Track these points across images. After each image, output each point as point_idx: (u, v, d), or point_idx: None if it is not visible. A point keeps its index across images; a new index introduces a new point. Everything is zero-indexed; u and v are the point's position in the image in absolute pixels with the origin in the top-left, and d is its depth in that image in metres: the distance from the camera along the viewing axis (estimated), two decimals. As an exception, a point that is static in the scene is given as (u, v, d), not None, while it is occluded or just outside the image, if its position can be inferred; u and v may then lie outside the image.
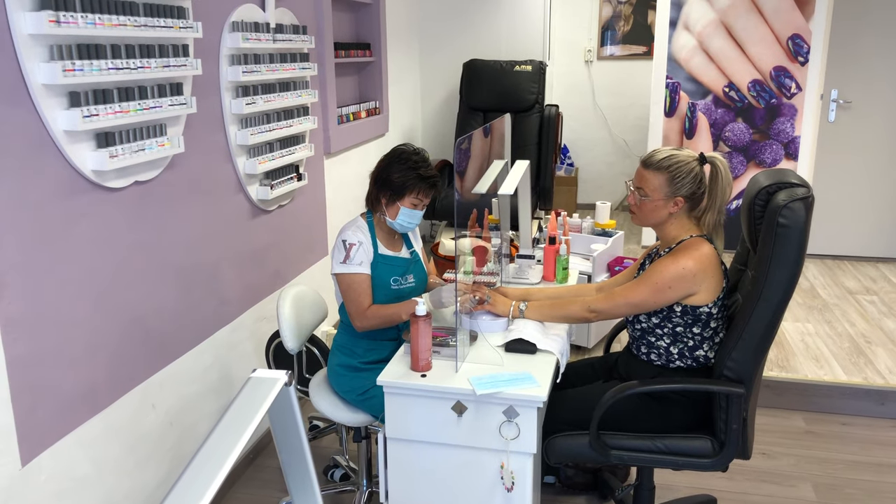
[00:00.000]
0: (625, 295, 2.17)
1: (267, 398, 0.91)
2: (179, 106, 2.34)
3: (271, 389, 0.93)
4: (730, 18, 5.07)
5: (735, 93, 5.19)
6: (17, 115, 1.78)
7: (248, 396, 0.92)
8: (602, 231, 3.83)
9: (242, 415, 0.88)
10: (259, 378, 0.95)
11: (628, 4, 6.43)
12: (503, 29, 5.38)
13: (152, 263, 2.33)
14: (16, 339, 1.81)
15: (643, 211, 2.17)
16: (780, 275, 1.95)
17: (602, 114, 6.67)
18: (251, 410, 0.89)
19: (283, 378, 0.95)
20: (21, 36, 1.76)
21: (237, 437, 0.84)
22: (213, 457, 0.81)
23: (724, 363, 2.06)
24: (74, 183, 1.98)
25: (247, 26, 2.78)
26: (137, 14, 2.14)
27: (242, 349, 2.95)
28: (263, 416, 0.92)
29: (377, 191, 2.33)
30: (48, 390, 1.93)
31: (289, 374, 0.95)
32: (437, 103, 5.61)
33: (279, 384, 0.94)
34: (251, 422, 0.87)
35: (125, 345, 2.23)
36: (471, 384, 1.97)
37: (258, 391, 0.93)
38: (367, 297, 2.30)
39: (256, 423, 0.88)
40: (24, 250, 1.83)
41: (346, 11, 4.19)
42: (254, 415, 0.88)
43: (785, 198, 1.95)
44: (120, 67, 2.05)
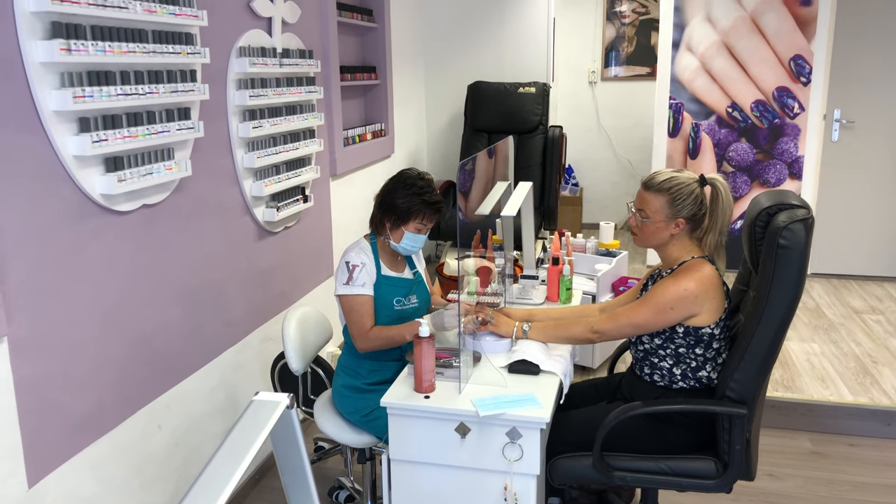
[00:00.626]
0: (627, 316, 2.18)
1: (269, 421, 0.93)
2: (187, 130, 2.38)
3: (273, 412, 0.95)
4: (731, 40, 5.11)
5: (738, 113, 5.22)
6: (28, 140, 1.82)
7: (251, 419, 0.94)
8: (606, 251, 3.85)
9: (245, 437, 0.90)
10: (261, 401, 0.96)
11: (632, 26, 6.49)
12: (507, 51, 5.43)
13: (159, 285, 2.36)
14: (24, 360, 1.84)
15: (645, 232, 2.19)
16: (781, 296, 1.96)
17: (606, 134, 6.70)
18: (254, 433, 0.91)
19: (285, 401, 0.96)
20: (33, 64, 1.80)
21: (240, 460, 0.86)
22: (216, 479, 0.83)
23: (726, 384, 2.07)
24: (83, 207, 2.01)
25: (254, 51, 2.82)
26: (146, 41, 2.18)
27: (248, 370, 2.96)
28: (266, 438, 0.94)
29: (381, 215, 2.36)
30: (55, 412, 1.95)
31: (290, 398, 0.97)
32: (443, 125, 5.66)
33: (281, 407, 0.96)
34: (253, 444, 0.89)
35: (132, 366, 2.25)
36: (474, 405, 1.98)
37: (260, 414, 0.94)
38: (370, 319, 2.32)
39: (259, 446, 0.90)
40: (33, 273, 1.85)
41: (352, 35, 4.25)
42: (256, 437, 0.90)
43: (785, 219, 1.97)
44: (129, 93, 2.09)
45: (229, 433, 0.92)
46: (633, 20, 6.49)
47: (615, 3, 6.47)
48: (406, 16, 5.07)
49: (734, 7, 5.08)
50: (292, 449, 1.01)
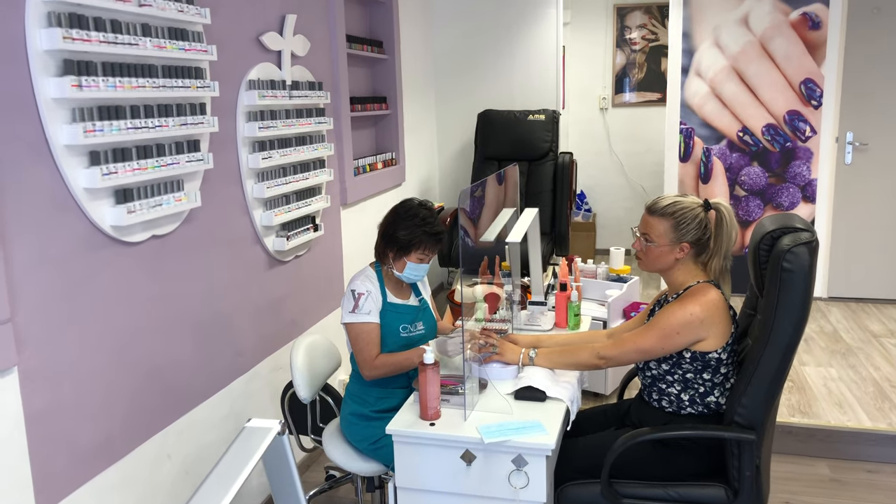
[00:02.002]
0: (633, 341, 2.17)
1: (260, 447, 0.94)
2: (196, 162, 2.42)
3: (264, 439, 0.96)
4: (741, 65, 5.13)
5: (749, 137, 5.22)
6: (39, 174, 1.87)
7: (242, 445, 0.95)
8: (617, 277, 3.84)
9: (236, 463, 0.91)
10: (252, 428, 0.98)
11: (642, 52, 6.54)
12: (517, 79, 5.49)
13: (169, 315, 2.39)
14: (34, 392, 1.86)
15: (649, 257, 2.19)
16: (786, 320, 1.95)
17: (619, 160, 6.72)
18: (244, 459, 0.92)
19: (276, 428, 0.97)
20: (45, 100, 1.86)
21: (229, 486, 0.87)
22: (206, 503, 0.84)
23: (734, 409, 2.05)
24: (93, 238, 2.05)
25: (263, 84, 2.88)
26: (156, 76, 2.24)
27: (258, 399, 2.97)
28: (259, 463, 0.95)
29: (384, 245, 2.38)
30: (65, 442, 1.97)
31: (281, 424, 0.98)
32: (453, 153, 5.70)
33: (272, 434, 0.97)
34: (243, 471, 0.90)
35: (142, 396, 2.27)
36: (479, 433, 1.98)
37: (252, 440, 0.95)
38: (376, 347, 2.33)
39: (249, 472, 0.91)
40: (43, 305, 1.89)
41: (362, 66, 4.32)
42: (246, 464, 0.91)
43: (789, 242, 1.96)
44: (139, 127, 2.14)
45: (220, 459, 0.93)
46: (643, 47, 6.53)
47: (625, 31, 6.53)
48: (416, 46, 5.14)
49: (743, 32, 5.10)
50: (285, 475, 1.02)
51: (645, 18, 6.47)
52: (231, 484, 0.88)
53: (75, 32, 1.89)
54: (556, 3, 5.35)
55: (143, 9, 2.16)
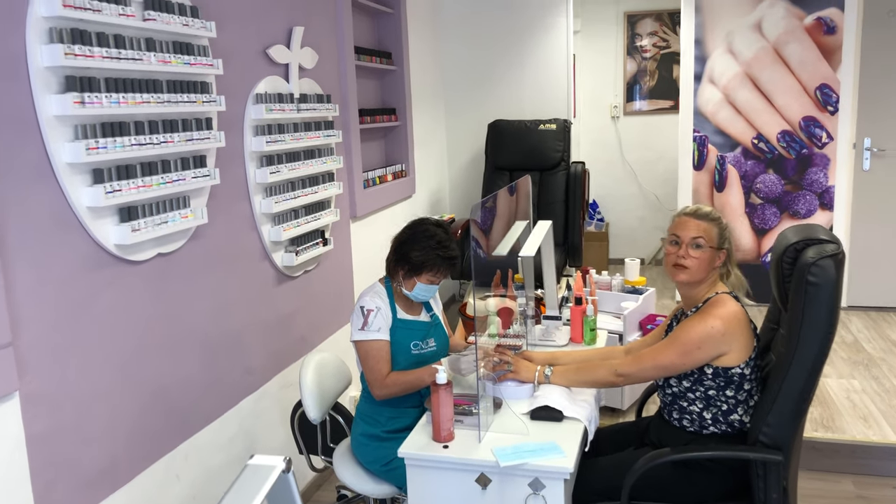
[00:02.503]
0: (652, 357, 2.10)
1: (264, 486, 0.88)
2: (203, 178, 2.38)
3: (269, 477, 0.90)
4: (755, 71, 5.06)
5: (764, 144, 5.14)
6: (41, 193, 1.82)
7: (246, 484, 0.89)
8: (632, 288, 3.76)
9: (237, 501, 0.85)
10: (256, 465, 0.92)
11: (653, 60, 6.47)
12: (527, 89, 5.43)
13: (175, 335, 2.34)
14: (36, 416, 1.81)
15: (701, 262, 2.09)
16: (812, 335, 1.88)
17: (631, 168, 6.65)
18: (248, 499, 0.86)
19: (281, 465, 0.91)
20: (47, 118, 1.82)
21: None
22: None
23: (759, 428, 1.97)
24: (97, 257, 2.00)
25: (271, 98, 2.84)
26: (161, 91, 2.19)
27: (268, 418, 2.92)
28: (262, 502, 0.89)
29: (395, 262, 2.32)
30: (68, 467, 1.92)
31: (286, 461, 0.92)
32: (464, 164, 5.65)
33: (276, 472, 0.91)
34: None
35: (147, 418, 2.22)
36: (494, 455, 1.91)
37: (255, 479, 0.90)
38: (386, 365, 2.27)
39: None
40: (45, 327, 1.84)
41: (371, 78, 4.28)
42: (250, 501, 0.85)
43: (814, 255, 1.89)
44: (143, 143, 2.10)
45: (224, 497, 0.87)
46: (655, 54, 6.47)
47: (635, 38, 6.47)
48: (425, 56, 5.10)
49: (756, 38, 5.03)
50: (290, 514, 0.96)
51: (656, 25, 6.41)
52: (232, 528, 0.82)
53: (77, 48, 1.85)
54: (566, 12, 5.31)
55: (147, 23, 2.12)
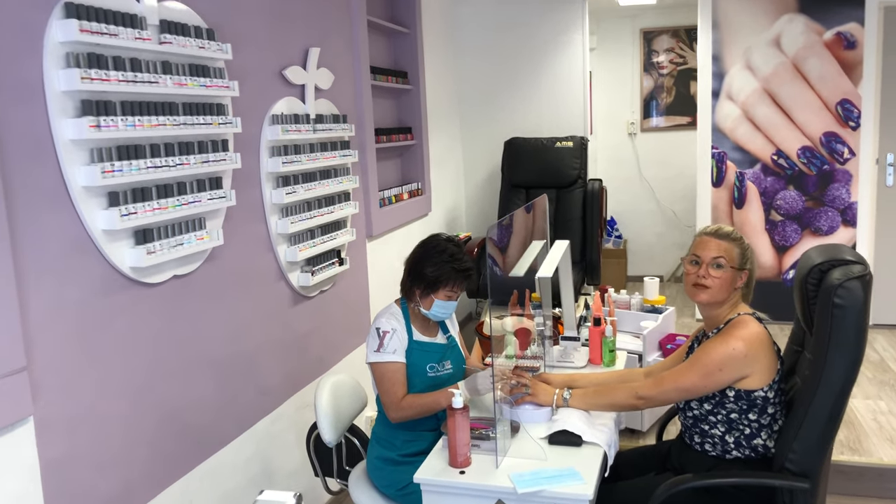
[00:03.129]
0: (674, 380, 2.06)
1: (273, 523, 0.86)
2: (219, 199, 2.37)
3: (278, 513, 0.87)
4: (774, 86, 5.01)
5: (784, 160, 5.08)
6: (56, 217, 1.82)
7: (254, 521, 0.86)
8: (652, 308, 3.71)
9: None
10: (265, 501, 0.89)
11: (670, 76, 6.44)
12: (544, 106, 5.42)
13: (190, 357, 2.33)
14: (50, 441, 1.80)
15: (724, 282, 2.05)
16: (840, 358, 1.83)
17: (649, 185, 6.60)
18: (255, 538, 0.83)
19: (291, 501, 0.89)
20: (63, 142, 1.82)
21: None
22: None
23: (785, 454, 1.92)
24: (112, 280, 2.00)
25: (287, 119, 2.84)
26: (176, 113, 2.20)
27: (284, 439, 2.89)
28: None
29: (411, 283, 2.30)
30: (82, 492, 1.91)
31: (296, 497, 0.89)
32: (480, 182, 5.64)
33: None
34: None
35: (162, 441, 2.20)
36: (512, 481, 1.87)
37: (265, 515, 0.87)
38: (402, 387, 2.24)
39: (260, 554, 0.82)
40: (60, 351, 1.83)
41: (387, 97, 4.28)
42: (258, 543, 0.82)
43: (840, 276, 1.85)
44: (159, 166, 2.10)
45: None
46: (672, 70, 6.44)
47: (652, 54, 6.44)
48: (441, 75, 5.11)
49: (774, 54, 4.99)
50: (302, 551, 0.93)
51: (672, 42, 6.38)
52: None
53: (94, 72, 1.86)
54: (582, 29, 5.29)
55: (164, 46, 2.13)
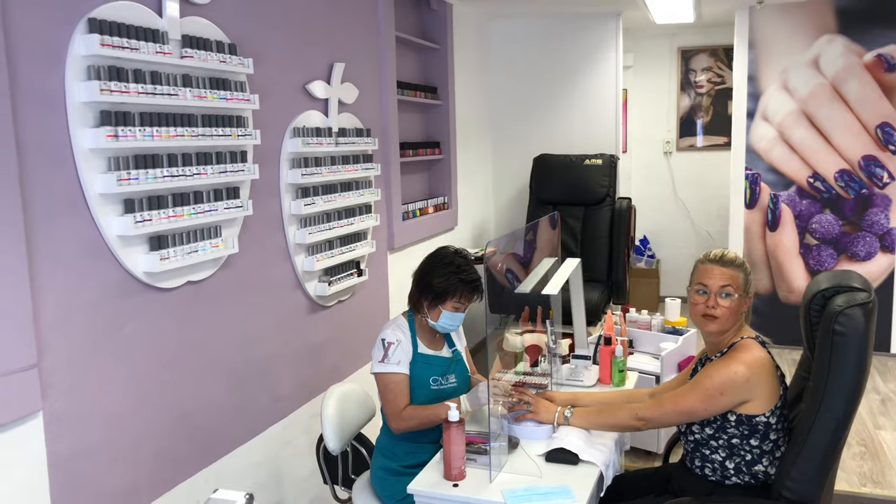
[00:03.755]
0: (674, 402, 2.05)
1: (220, 522, 0.89)
2: (235, 209, 2.44)
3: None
4: (811, 108, 4.92)
5: (821, 183, 4.98)
6: (73, 222, 1.91)
7: (203, 519, 0.90)
8: (672, 329, 3.67)
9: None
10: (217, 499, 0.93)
11: (707, 96, 6.38)
12: (576, 123, 5.42)
13: (202, 361, 2.39)
14: (59, 436, 1.88)
15: (733, 311, 2.04)
16: (840, 386, 1.80)
17: (683, 205, 6.53)
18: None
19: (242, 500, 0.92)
20: (81, 150, 1.90)
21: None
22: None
23: (783, 482, 1.89)
24: (126, 284, 2.08)
25: (308, 132, 2.91)
26: (195, 125, 2.28)
27: (296, 446, 2.94)
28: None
29: (419, 294, 2.33)
30: (89, 488, 1.98)
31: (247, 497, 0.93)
32: (510, 197, 5.65)
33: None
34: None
35: (171, 442, 2.26)
36: (503, 496, 1.88)
37: (213, 513, 0.91)
38: (404, 398, 2.26)
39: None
40: (72, 351, 1.91)
41: (415, 112, 4.34)
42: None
43: (842, 303, 1.82)
44: (175, 175, 2.17)
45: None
46: (710, 90, 6.37)
47: (690, 73, 6.39)
48: (472, 91, 5.15)
49: (813, 75, 4.91)
50: (253, 550, 0.97)
51: (711, 61, 6.32)
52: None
53: (113, 85, 1.94)
54: (615, 47, 5.29)
55: (185, 60, 2.21)
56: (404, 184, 4.11)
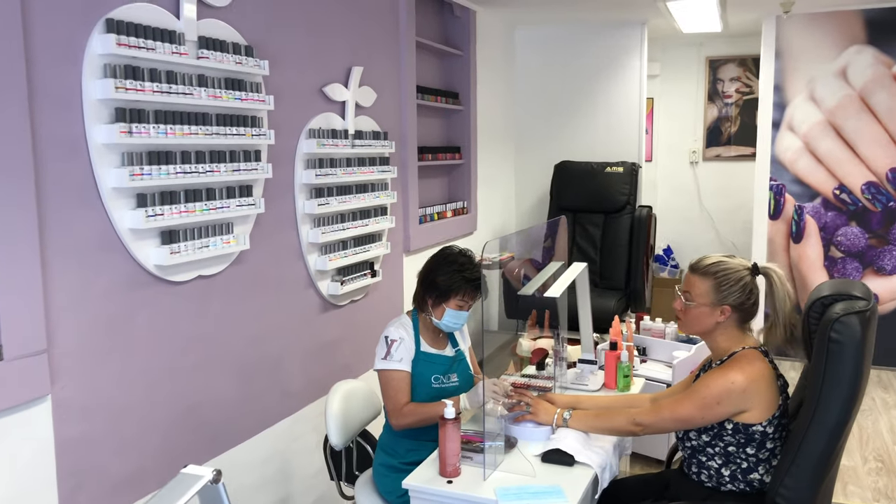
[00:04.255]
0: (671, 409, 2.05)
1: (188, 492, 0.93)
2: (247, 206, 2.50)
3: (195, 484, 0.95)
4: (839, 119, 4.86)
5: (847, 195, 4.90)
6: (86, 214, 1.98)
7: (172, 489, 0.94)
8: (686, 338, 3.65)
9: None
10: (187, 473, 0.97)
11: (735, 105, 6.32)
12: (599, 131, 5.42)
13: (212, 354, 2.45)
14: (66, 421, 1.94)
15: (688, 317, 2.07)
16: (834, 396, 1.78)
17: (709, 215, 6.47)
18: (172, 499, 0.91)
19: (209, 475, 0.96)
20: (96, 145, 1.98)
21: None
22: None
23: (776, 490, 1.88)
24: (137, 277, 2.14)
25: (324, 133, 2.96)
26: (210, 124, 2.34)
27: (304, 442, 2.99)
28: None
29: (423, 292, 2.36)
30: (95, 473, 2.04)
31: (215, 472, 0.97)
32: (533, 203, 5.66)
33: (203, 480, 0.96)
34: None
35: (178, 432, 2.32)
36: (496, 494, 1.90)
37: (183, 484, 0.95)
38: (405, 395, 2.30)
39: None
40: (82, 339, 1.98)
41: (435, 117, 4.38)
42: None
43: (840, 310, 1.81)
44: (188, 171, 2.24)
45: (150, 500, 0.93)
46: (737, 99, 6.32)
47: (717, 83, 6.34)
48: (495, 97, 5.18)
49: (840, 86, 4.85)
50: (223, 525, 1.01)
51: (739, 71, 6.27)
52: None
53: (128, 83, 2.01)
54: (640, 55, 5.28)
55: (201, 61, 2.28)
56: (423, 187, 4.15)
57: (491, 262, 4.50)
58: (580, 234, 5.00)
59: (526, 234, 2.61)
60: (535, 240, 5.27)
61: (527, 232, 2.63)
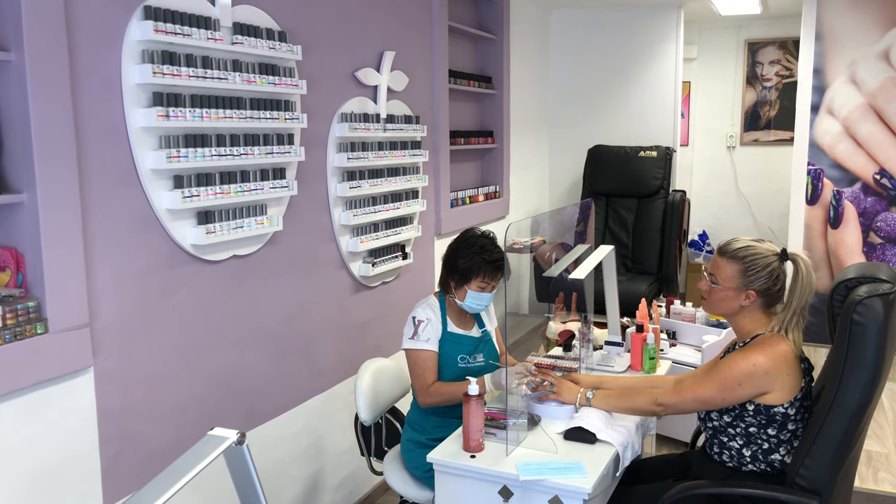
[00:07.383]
0: (693, 389, 2.07)
1: (212, 453, 1.00)
2: (281, 189, 2.57)
3: (219, 446, 1.01)
4: (880, 102, 4.76)
5: (888, 180, 4.81)
6: (127, 195, 2.07)
7: (198, 450, 1.01)
8: (717, 322, 3.64)
9: (185, 465, 0.97)
10: (213, 435, 1.03)
11: (775, 89, 6.22)
12: (634, 115, 5.39)
13: (246, 330, 2.54)
14: (108, 391, 2.04)
15: (712, 299, 2.09)
16: (855, 378, 1.79)
17: (746, 200, 6.39)
18: (193, 462, 0.97)
19: (234, 437, 1.03)
20: (134, 129, 2.06)
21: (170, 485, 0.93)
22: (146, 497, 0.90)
23: (796, 470, 1.89)
24: (175, 256, 2.23)
25: (356, 117, 3.02)
26: (244, 108, 2.41)
27: (336, 418, 3.07)
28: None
29: (446, 275, 2.41)
30: (135, 441, 2.14)
31: (239, 434, 1.03)
32: (566, 187, 5.66)
33: (228, 442, 1.02)
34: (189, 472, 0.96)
35: (214, 404, 2.42)
36: (517, 469, 1.95)
37: (207, 446, 1.01)
38: (432, 374, 2.35)
39: (194, 474, 0.96)
40: (122, 314, 2.07)
41: (468, 101, 4.41)
42: (194, 466, 0.97)
43: (864, 293, 1.81)
44: (223, 154, 2.31)
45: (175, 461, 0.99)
46: (777, 83, 6.21)
47: (756, 66, 6.24)
48: (529, 81, 5.18)
49: (882, 68, 4.74)
50: (246, 481, 1.07)
51: (779, 54, 6.16)
52: (173, 483, 0.94)
53: (166, 68, 2.09)
54: (676, 39, 5.23)
55: (235, 46, 2.35)
56: (456, 171, 4.19)
57: (522, 245, 4.53)
58: (613, 218, 4.99)
59: (549, 216, 2.63)
60: (567, 224, 5.28)
61: (550, 214, 2.65)
